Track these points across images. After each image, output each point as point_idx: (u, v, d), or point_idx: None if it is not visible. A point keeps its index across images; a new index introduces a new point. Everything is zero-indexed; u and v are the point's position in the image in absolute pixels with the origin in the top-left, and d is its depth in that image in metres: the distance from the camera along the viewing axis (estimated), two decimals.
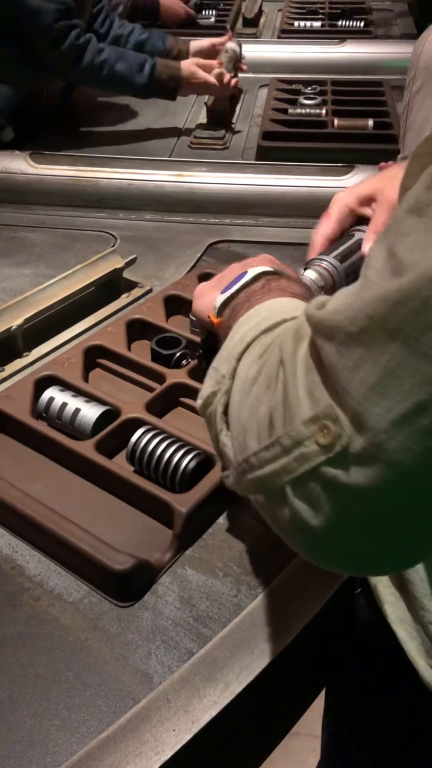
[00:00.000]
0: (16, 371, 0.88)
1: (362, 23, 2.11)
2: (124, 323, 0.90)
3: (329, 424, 0.34)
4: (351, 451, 0.33)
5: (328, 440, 0.34)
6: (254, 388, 0.42)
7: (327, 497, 0.35)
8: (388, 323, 0.31)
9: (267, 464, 0.38)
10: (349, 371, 0.33)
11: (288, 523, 0.37)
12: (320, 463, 0.34)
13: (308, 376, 0.36)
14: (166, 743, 0.53)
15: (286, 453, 0.36)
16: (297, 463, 0.36)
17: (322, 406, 0.35)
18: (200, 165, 1.30)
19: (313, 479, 0.35)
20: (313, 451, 0.34)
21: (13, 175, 1.29)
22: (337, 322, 0.34)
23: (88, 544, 0.63)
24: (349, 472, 0.33)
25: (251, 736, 0.67)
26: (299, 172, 1.26)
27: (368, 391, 0.32)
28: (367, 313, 0.32)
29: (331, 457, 0.34)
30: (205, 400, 0.47)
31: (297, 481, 0.36)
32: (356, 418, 0.32)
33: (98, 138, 1.54)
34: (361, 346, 0.32)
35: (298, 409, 0.36)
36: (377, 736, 0.74)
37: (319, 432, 0.34)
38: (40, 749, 0.53)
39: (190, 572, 0.65)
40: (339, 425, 0.33)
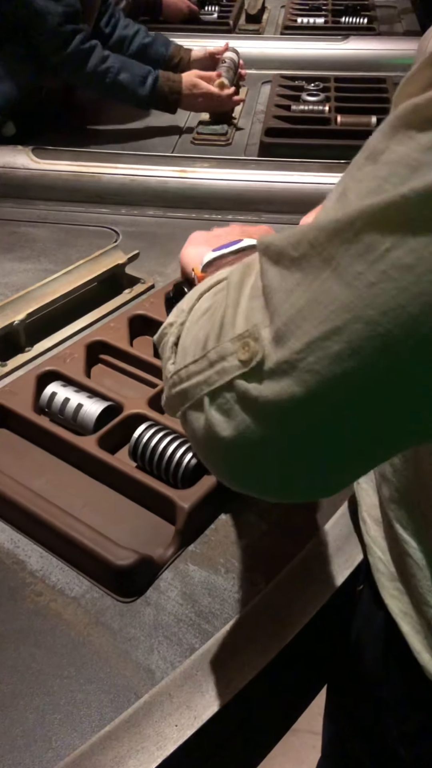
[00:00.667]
0: (19, 366, 0.88)
1: (365, 20, 2.10)
2: (127, 319, 0.90)
3: (251, 341, 0.36)
4: (265, 367, 0.35)
5: (247, 356, 0.36)
6: (202, 320, 0.43)
7: (239, 408, 0.36)
8: (324, 250, 0.33)
9: (192, 377, 0.40)
10: (285, 293, 0.34)
11: (202, 434, 0.39)
12: (236, 376, 0.36)
13: (250, 303, 0.38)
14: (168, 738, 0.53)
15: (211, 366, 0.38)
16: (217, 376, 0.38)
17: (250, 325, 0.36)
18: (203, 161, 1.30)
19: (228, 391, 0.37)
20: (233, 365, 0.37)
21: (16, 170, 1.29)
22: (283, 246, 0.35)
23: (90, 540, 0.63)
24: (260, 386, 0.35)
25: (253, 732, 0.67)
26: (302, 169, 1.26)
27: (295, 313, 0.33)
28: (309, 240, 0.34)
29: (246, 371, 0.36)
30: (161, 330, 0.49)
31: (214, 393, 0.38)
32: (277, 337, 0.34)
33: (100, 133, 1.54)
34: (300, 271, 0.34)
35: (230, 330, 0.38)
36: (379, 733, 0.74)
37: (242, 349, 0.36)
38: (43, 744, 0.53)
39: (193, 568, 0.65)
40: (259, 343, 0.35)
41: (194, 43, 1.88)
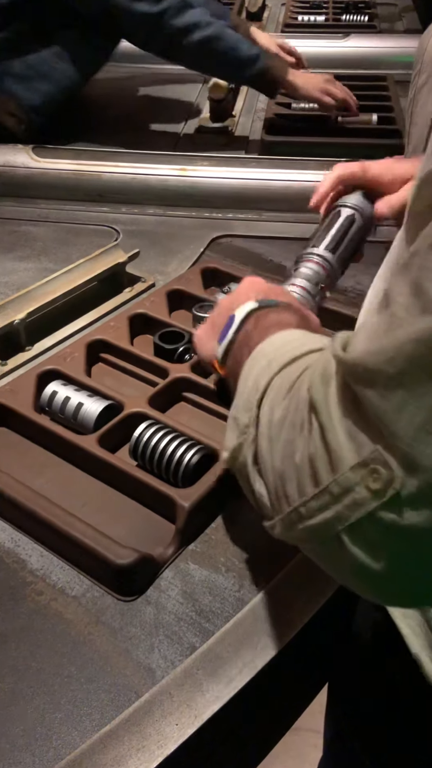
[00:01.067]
0: (19, 365, 0.88)
1: (366, 17, 2.10)
2: (127, 318, 0.90)
3: (379, 467, 0.34)
4: (405, 493, 0.33)
5: (380, 485, 0.34)
6: (283, 433, 0.41)
7: (385, 541, 0.35)
8: (428, 363, 0.31)
9: (318, 513, 0.37)
10: (395, 413, 0.33)
11: (348, 568, 0.37)
12: (375, 509, 0.34)
13: (346, 420, 0.36)
14: (168, 737, 0.53)
15: (337, 501, 0.36)
16: (350, 511, 0.35)
17: (368, 450, 0.34)
18: (203, 159, 1.29)
19: (369, 525, 0.35)
20: (366, 497, 0.34)
21: (16, 169, 1.28)
22: (374, 365, 0.34)
23: (90, 539, 0.63)
24: (405, 514, 0.33)
25: (253, 731, 0.67)
26: (302, 167, 1.25)
27: (417, 432, 0.32)
28: (406, 354, 0.32)
29: (386, 501, 0.34)
30: (232, 452, 0.47)
31: (352, 528, 0.36)
32: (406, 460, 0.32)
33: (101, 132, 1.54)
34: (403, 388, 0.32)
35: (342, 455, 0.36)
36: (380, 732, 0.74)
37: (369, 477, 0.34)
38: (43, 743, 0.53)
39: (193, 567, 0.65)
40: (389, 468, 0.33)
41: None
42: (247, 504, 0.71)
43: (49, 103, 1.42)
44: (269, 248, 1.14)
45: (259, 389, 0.45)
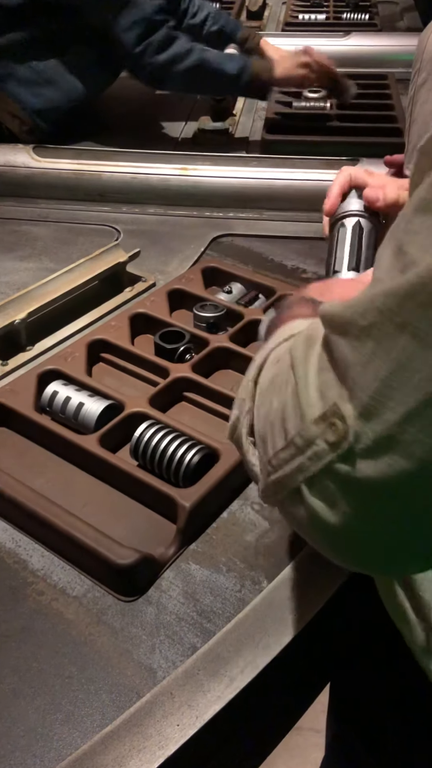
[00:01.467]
0: (20, 365, 0.87)
1: (367, 16, 2.10)
2: (128, 317, 0.90)
3: (336, 421, 0.34)
4: (360, 445, 0.33)
5: (336, 437, 0.34)
6: (267, 397, 0.42)
7: (341, 494, 0.35)
8: (397, 317, 0.31)
9: (284, 465, 0.38)
10: (362, 365, 0.33)
11: (307, 522, 0.37)
12: (331, 461, 0.34)
13: (320, 377, 0.36)
14: (170, 738, 0.52)
15: (300, 453, 0.36)
16: (310, 462, 0.36)
17: (329, 403, 0.35)
18: (204, 158, 1.29)
19: (326, 477, 0.35)
20: (324, 449, 0.35)
21: (16, 169, 1.28)
22: (350, 316, 0.34)
23: (91, 539, 0.62)
24: (359, 466, 0.33)
25: (255, 731, 0.67)
26: (303, 166, 1.25)
27: (380, 385, 0.32)
28: (377, 307, 0.32)
29: (341, 453, 0.34)
30: (231, 424, 0.48)
31: (311, 480, 0.36)
32: (367, 411, 0.33)
33: (101, 131, 1.53)
34: (373, 339, 0.32)
35: (308, 409, 0.36)
36: (382, 732, 0.74)
37: (328, 430, 0.34)
38: (44, 743, 0.53)
39: (194, 567, 0.65)
40: (346, 421, 0.33)
41: None
42: (248, 504, 0.71)
43: (52, 109, 1.42)
44: (270, 247, 1.14)
45: (256, 367, 0.47)
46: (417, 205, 0.32)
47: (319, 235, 1.17)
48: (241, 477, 0.72)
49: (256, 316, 0.90)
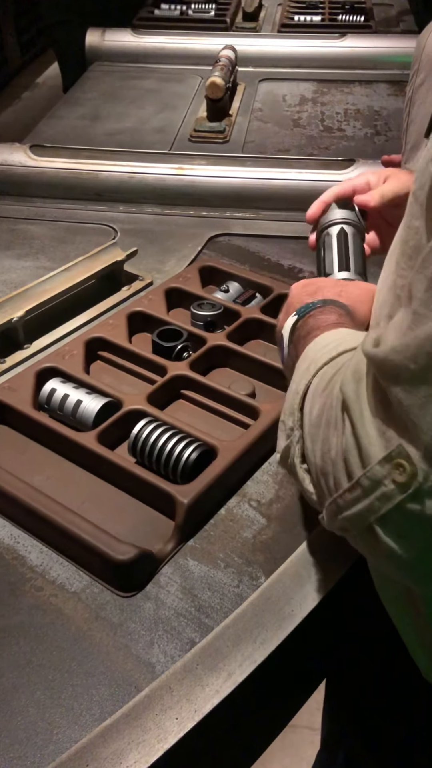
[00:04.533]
0: (17, 363, 0.88)
1: (362, 18, 2.11)
2: (125, 316, 0.90)
3: (403, 461, 0.35)
4: (428, 485, 0.34)
5: (404, 478, 0.35)
6: (321, 432, 0.43)
7: (413, 531, 0.37)
8: None
9: (352, 505, 0.39)
10: (419, 408, 0.34)
11: (383, 555, 0.39)
12: (401, 501, 0.36)
13: (376, 416, 0.38)
14: (168, 731, 0.53)
15: (368, 494, 0.38)
16: (380, 503, 0.37)
17: (393, 445, 0.36)
18: (200, 158, 1.30)
19: (397, 516, 0.37)
20: (392, 489, 0.36)
21: (13, 168, 1.28)
22: (399, 362, 0.35)
23: (90, 535, 0.63)
24: (429, 505, 0.35)
25: (252, 726, 0.67)
26: (299, 166, 1.26)
27: None
28: (427, 351, 0.33)
29: (411, 493, 0.35)
30: (282, 454, 0.50)
31: (383, 519, 0.38)
32: (429, 452, 0.34)
33: (98, 130, 1.54)
34: (427, 383, 0.34)
35: (371, 450, 0.37)
36: (377, 728, 0.75)
37: (395, 470, 0.36)
38: (44, 737, 0.53)
39: (192, 563, 0.65)
40: (412, 463, 0.35)
41: (191, 41, 1.89)
42: (246, 500, 0.72)
43: None
44: (267, 247, 1.15)
45: (299, 392, 0.48)
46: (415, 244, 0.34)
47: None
48: (239, 474, 0.73)
49: (253, 315, 0.91)
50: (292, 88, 1.74)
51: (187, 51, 1.87)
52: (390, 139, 1.47)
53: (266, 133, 1.53)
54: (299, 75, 1.80)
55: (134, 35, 1.90)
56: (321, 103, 1.67)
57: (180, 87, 1.75)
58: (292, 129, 1.54)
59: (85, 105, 1.67)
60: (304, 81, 1.77)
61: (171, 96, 1.70)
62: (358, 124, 1.55)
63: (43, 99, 3.14)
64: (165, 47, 1.88)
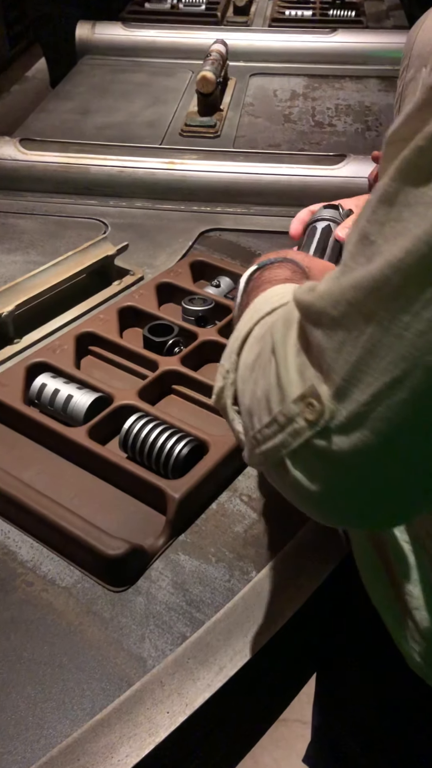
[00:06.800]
0: (7, 358, 0.87)
1: (353, 13, 2.11)
2: (116, 310, 0.90)
3: (314, 401, 0.38)
4: (335, 422, 0.37)
5: (314, 415, 0.38)
6: (252, 375, 0.45)
7: (320, 465, 0.39)
8: (364, 308, 0.35)
9: (268, 440, 0.42)
10: (335, 351, 0.36)
11: (292, 489, 0.41)
12: (309, 437, 0.38)
13: (298, 358, 0.40)
14: (160, 725, 0.53)
15: (282, 429, 0.40)
16: (291, 438, 0.40)
17: (308, 384, 0.38)
18: (191, 153, 1.29)
19: (305, 451, 0.39)
20: (303, 426, 0.38)
21: (3, 161, 1.28)
22: (322, 307, 0.37)
23: (81, 530, 0.63)
24: (334, 441, 0.37)
25: (244, 719, 0.67)
26: (291, 161, 1.26)
27: (351, 369, 0.35)
28: (347, 299, 0.36)
29: (318, 429, 0.38)
30: (216, 395, 0.52)
31: (293, 454, 0.40)
32: (339, 393, 0.36)
33: (88, 124, 1.53)
34: (343, 329, 0.36)
35: (289, 389, 0.40)
36: (367, 722, 0.75)
37: (307, 409, 0.38)
38: (35, 731, 0.53)
39: (184, 557, 0.65)
40: (322, 401, 0.37)
41: (182, 34, 1.88)
42: (237, 495, 0.72)
43: None
44: (258, 242, 1.14)
45: (239, 338, 0.50)
46: (381, 196, 0.35)
47: None
48: (230, 469, 0.73)
49: None
50: (283, 83, 1.74)
51: (178, 45, 1.86)
52: (381, 135, 1.48)
53: (257, 128, 1.52)
54: (290, 70, 1.80)
55: (124, 29, 1.89)
56: (312, 98, 1.66)
57: (171, 81, 1.74)
58: (283, 124, 1.54)
59: (75, 99, 1.66)
60: (295, 76, 1.77)
61: (162, 90, 1.69)
62: (349, 119, 1.55)
63: (32, 92, 3.13)
64: (156, 41, 1.87)
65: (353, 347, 0.35)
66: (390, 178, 0.34)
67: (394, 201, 0.34)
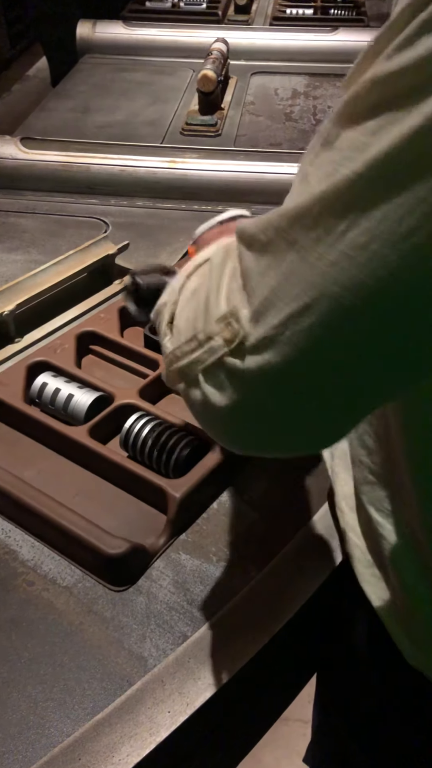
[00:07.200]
0: (8, 357, 0.87)
1: (354, 12, 2.10)
2: (117, 309, 0.89)
3: (232, 321, 0.40)
4: (247, 343, 0.38)
5: (230, 335, 0.39)
6: (191, 300, 0.47)
7: (229, 382, 0.40)
8: (288, 235, 0.36)
9: (186, 356, 0.44)
10: (260, 275, 0.38)
11: (200, 405, 0.43)
12: (223, 354, 0.40)
13: (230, 284, 0.42)
14: (161, 725, 0.53)
15: (200, 346, 0.42)
16: (207, 355, 0.42)
17: (231, 306, 0.40)
18: (192, 152, 1.29)
19: (218, 368, 0.41)
20: (219, 344, 0.40)
21: (4, 160, 1.27)
22: (254, 232, 0.39)
23: (82, 529, 0.63)
24: (245, 360, 0.39)
25: (244, 719, 0.67)
26: (292, 160, 1.25)
27: (269, 293, 0.37)
28: (274, 226, 0.37)
29: (232, 348, 0.39)
30: (156, 309, 0.53)
31: (206, 370, 0.42)
32: (256, 315, 0.38)
33: (89, 123, 1.53)
34: (269, 253, 0.38)
35: (215, 310, 0.42)
36: (368, 721, 0.75)
37: (225, 329, 0.40)
38: (36, 731, 0.53)
39: (184, 557, 0.65)
40: (240, 322, 0.39)
41: (182, 33, 1.88)
42: (238, 495, 0.72)
43: None
44: None
45: (193, 264, 0.51)
46: (323, 140, 0.37)
47: None
48: (231, 468, 0.73)
49: None
50: (284, 81, 1.74)
51: (179, 44, 1.86)
52: None
53: (258, 126, 1.52)
54: (291, 68, 1.79)
55: (125, 27, 1.89)
56: (313, 96, 1.66)
57: (171, 80, 1.74)
58: (284, 123, 1.54)
59: (76, 97, 1.65)
60: (296, 74, 1.77)
61: (162, 89, 1.69)
62: None
63: (33, 91, 3.12)
64: (156, 40, 1.87)
65: (275, 272, 0.37)
66: (330, 121, 0.36)
67: (332, 143, 0.36)
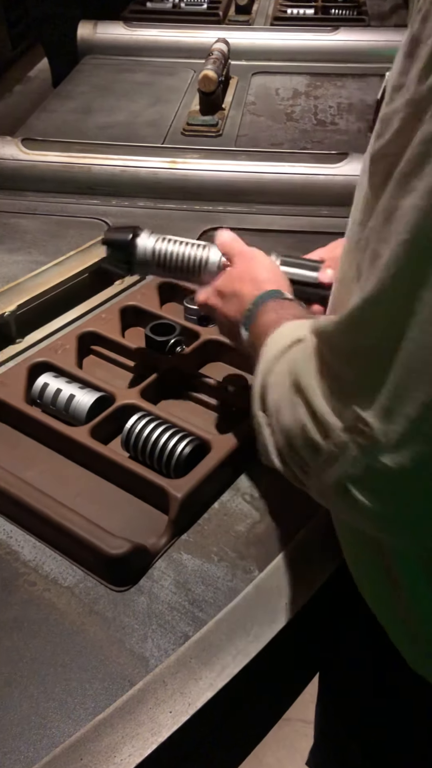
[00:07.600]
0: (10, 357, 0.87)
1: (355, 11, 2.10)
2: (118, 310, 0.90)
3: (362, 426, 0.39)
4: (387, 442, 0.38)
5: (367, 440, 0.39)
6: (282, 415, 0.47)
7: (385, 485, 0.40)
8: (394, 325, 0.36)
9: (323, 473, 0.43)
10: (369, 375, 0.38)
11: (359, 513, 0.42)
12: (369, 461, 0.39)
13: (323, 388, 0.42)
14: (162, 725, 0.53)
15: (337, 460, 0.41)
16: (350, 466, 0.41)
17: (349, 411, 0.39)
18: (193, 152, 1.29)
19: (366, 474, 0.40)
20: (358, 453, 0.40)
21: (5, 161, 1.28)
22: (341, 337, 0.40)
23: (83, 529, 0.63)
24: (393, 458, 0.38)
25: (245, 719, 0.67)
26: (293, 160, 1.26)
27: (393, 388, 0.37)
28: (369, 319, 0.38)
29: (375, 452, 0.39)
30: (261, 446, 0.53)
31: (354, 480, 0.41)
32: (385, 413, 0.37)
33: (90, 124, 1.53)
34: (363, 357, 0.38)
35: (331, 419, 0.41)
36: (369, 721, 0.75)
37: (359, 436, 0.39)
38: (37, 731, 0.53)
39: (186, 557, 0.65)
40: (370, 426, 0.38)
41: (183, 33, 1.88)
42: (239, 495, 0.72)
43: None
44: (259, 241, 1.13)
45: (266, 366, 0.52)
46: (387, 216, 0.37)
47: (308, 228, 1.17)
48: (232, 468, 0.73)
49: None
50: (285, 81, 1.74)
51: (180, 44, 1.86)
52: None
53: (259, 126, 1.52)
54: (292, 68, 1.79)
55: (126, 28, 1.89)
56: (314, 96, 1.66)
57: (172, 80, 1.74)
58: (285, 123, 1.54)
59: (77, 98, 1.66)
60: (297, 74, 1.77)
61: (163, 89, 1.69)
62: (352, 117, 1.55)
63: (35, 92, 3.12)
64: (157, 40, 1.87)
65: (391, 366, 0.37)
66: (390, 195, 0.36)
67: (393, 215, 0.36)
